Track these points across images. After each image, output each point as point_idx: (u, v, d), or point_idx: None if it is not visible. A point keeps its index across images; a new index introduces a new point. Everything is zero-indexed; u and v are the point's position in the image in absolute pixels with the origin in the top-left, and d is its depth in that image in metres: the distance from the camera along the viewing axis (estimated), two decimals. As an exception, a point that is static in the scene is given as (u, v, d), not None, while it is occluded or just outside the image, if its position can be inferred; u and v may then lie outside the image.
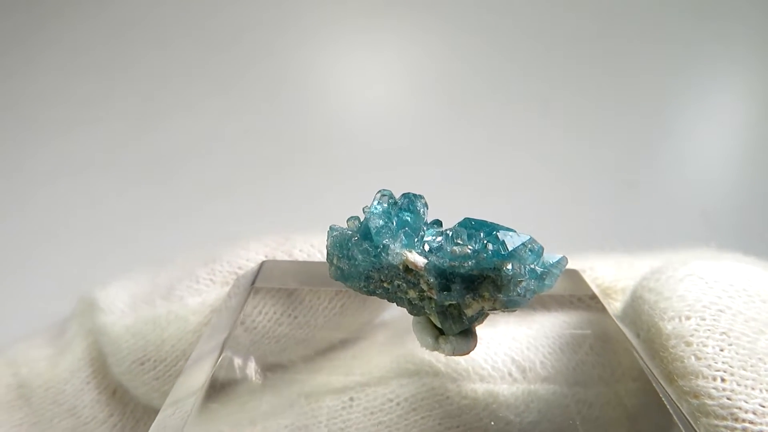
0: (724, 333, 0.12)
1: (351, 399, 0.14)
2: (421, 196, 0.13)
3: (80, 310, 0.18)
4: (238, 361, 0.15)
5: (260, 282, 0.15)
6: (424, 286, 0.12)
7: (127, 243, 0.51)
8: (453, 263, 0.12)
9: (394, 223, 0.12)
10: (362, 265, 0.12)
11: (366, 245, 0.12)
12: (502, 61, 0.69)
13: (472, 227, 0.12)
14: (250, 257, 0.16)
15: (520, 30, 0.72)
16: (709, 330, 0.12)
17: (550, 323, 0.15)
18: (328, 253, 0.13)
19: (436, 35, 0.73)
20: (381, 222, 0.12)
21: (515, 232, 0.12)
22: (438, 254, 0.12)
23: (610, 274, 0.17)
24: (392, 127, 0.65)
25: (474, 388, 0.14)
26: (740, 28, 0.74)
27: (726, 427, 0.11)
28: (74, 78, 0.66)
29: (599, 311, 0.15)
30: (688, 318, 0.13)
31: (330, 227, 0.13)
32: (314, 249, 0.16)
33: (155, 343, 0.15)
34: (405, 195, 0.13)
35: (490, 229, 0.12)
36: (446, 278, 0.12)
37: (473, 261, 0.11)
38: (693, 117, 0.68)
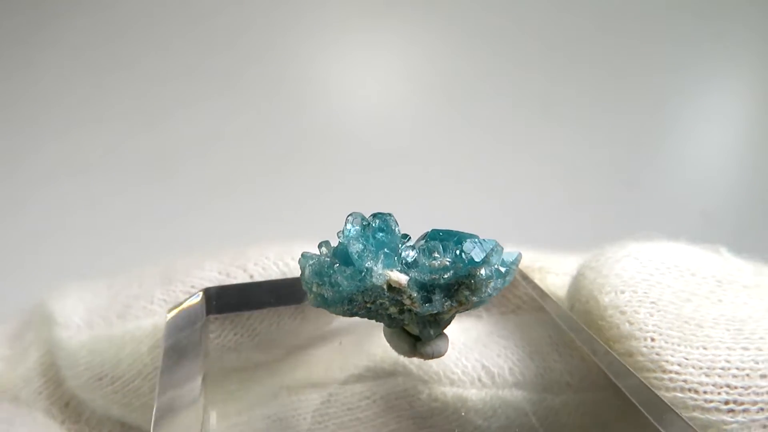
0: (653, 302, 0.14)
1: (330, 394, 0.15)
2: (389, 214, 0.13)
3: (36, 319, 0.18)
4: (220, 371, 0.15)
5: (214, 311, 0.15)
6: (407, 301, 0.12)
7: (128, 242, 0.51)
8: (433, 276, 0.12)
9: (372, 245, 0.12)
10: (346, 290, 0.12)
11: (349, 271, 0.12)
12: (502, 60, 0.69)
13: (440, 238, 0.12)
14: (204, 275, 0.16)
15: (520, 30, 0.71)
16: (640, 300, 0.14)
17: (521, 332, 0.15)
18: (304, 281, 0.13)
19: (436, 35, 0.73)
20: (360, 246, 0.12)
21: (478, 237, 0.12)
22: (417, 269, 0.12)
23: (528, 257, 0.18)
24: (392, 127, 0.65)
25: (444, 391, 0.14)
26: (740, 28, 0.74)
27: (656, 377, 0.13)
28: (74, 78, 0.66)
29: (565, 317, 0.15)
30: (622, 292, 0.14)
31: (302, 255, 0.13)
32: (269, 261, 0.16)
33: (112, 362, 0.16)
34: (375, 215, 0.13)
35: (458, 238, 0.12)
36: (427, 290, 0.12)
37: (452, 272, 0.12)
38: (693, 117, 0.68)
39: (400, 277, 0.12)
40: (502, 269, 0.12)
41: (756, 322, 0.14)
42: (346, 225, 0.13)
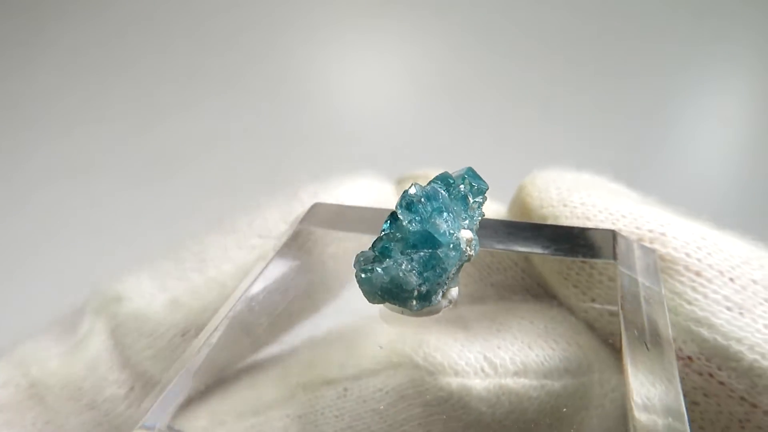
0: (585, 191, 0.17)
1: (345, 389, 0.16)
2: (419, 185, 0.13)
3: (93, 307, 0.18)
4: (236, 346, 0.16)
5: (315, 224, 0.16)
6: (470, 251, 0.13)
7: (128, 242, 0.51)
8: (476, 218, 0.13)
9: (438, 213, 0.13)
10: (450, 269, 0.13)
11: (450, 250, 0.12)
12: (503, 60, 0.69)
13: (448, 183, 0.13)
14: (266, 216, 0.18)
15: (520, 30, 0.72)
16: (569, 189, 0.17)
17: (518, 325, 0.16)
18: (404, 292, 0.13)
19: (436, 35, 0.73)
20: (444, 222, 0.12)
21: (450, 174, 0.14)
22: (465, 220, 0.13)
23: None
24: (392, 127, 0.65)
25: (449, 381, 0.15)
26: (740, 28, 0.74)
27: (560, 212, 0.16)
28: (74, 78, 0.66)
29: (559, 306, 0.17)
30: (551, 183, 0.18)
31: (367, 272, 0.13)
32: (317, 197, 0.18)
33: (197, 311, 0.17)
34: (415, 189, 0.13)
35: (454, 181, 0.13)
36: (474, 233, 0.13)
37: (480, 204, 0.13)
38: (693, 117, 0.68)
39: (469, 234, 0.13)
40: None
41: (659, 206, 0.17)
42: (405, 210, 0.12)
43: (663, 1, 0.74)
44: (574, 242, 0.15)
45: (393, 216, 0.13)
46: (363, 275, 0.12)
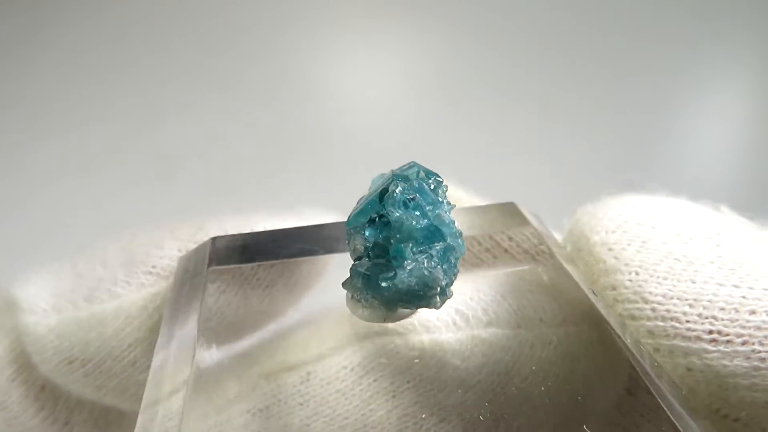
0: (644, 242, 0.14)
1: (308, 373, 0.15)
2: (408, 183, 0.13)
3: (0, 307, 0.18)
4: (205, 352, 0.15)
5: (216, 263, 0.15)
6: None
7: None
8: (447, 210, 0.13)
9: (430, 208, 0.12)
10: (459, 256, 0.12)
11: (456, 239, 0.12)
12: (502, 61, 0.69)
13: (418, 187, 0.13)
14: (164, 254, 0.17)
15: (521, 30, 0.72)
16: (630, 240, 0.14)
17: (493, 275, 0.16)
18: (431, 289, 0.12)
19: (436, 35, 0.73)
20: (446, 214, 0.12)
21: (398, 174, 0.13)
22: (444, 211, 0.13)
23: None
24: (392, 127, 0.65)
25: (421, 339, 0.14)
26: (740, 28, 0.74)
27: (637, 308, 0.13)
28: (74, 78, 0.66)
29: (536, 261, 0.16)
30: (613, 232, 0.15)
31: (380, 280, 0.12)
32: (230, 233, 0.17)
33: (80, 344, 0.16)
34: (400, 186, 0.13)
35: (415, 182, 0.13)
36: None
37: (445, 196, 0.13)
38: (693, 117, 0.68)
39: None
40: None
41: (753, 265, 0.13)
42: (404, 208, 0.12)
43: (663, 1, 0.74)
44: (490, 219, 0.15)
45: (379, 219, 0.12)
46: (384, 284, 0.11)
